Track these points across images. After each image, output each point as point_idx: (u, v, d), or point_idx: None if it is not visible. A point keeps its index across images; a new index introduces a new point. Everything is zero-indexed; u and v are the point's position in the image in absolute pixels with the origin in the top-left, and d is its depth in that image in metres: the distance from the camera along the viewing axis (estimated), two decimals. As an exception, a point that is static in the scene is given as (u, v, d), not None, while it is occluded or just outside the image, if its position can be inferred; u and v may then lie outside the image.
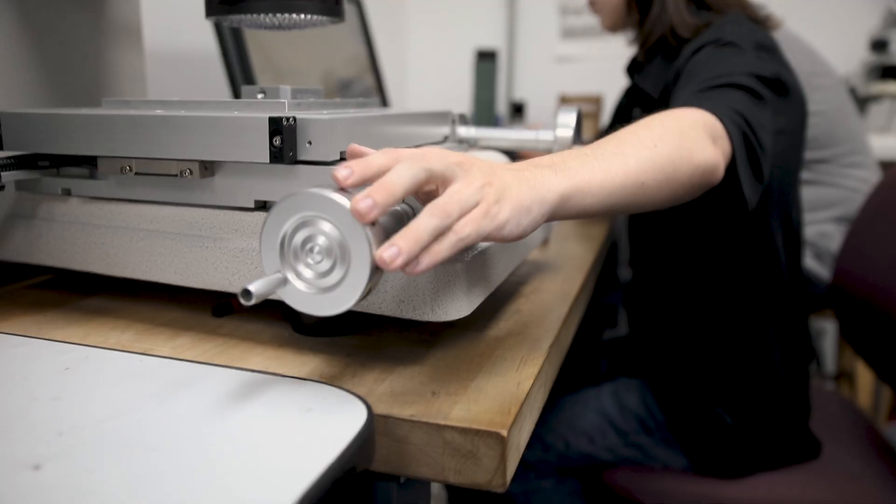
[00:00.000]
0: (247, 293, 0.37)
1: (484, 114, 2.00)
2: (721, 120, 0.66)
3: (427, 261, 0.40)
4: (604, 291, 1.62)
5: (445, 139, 0.74)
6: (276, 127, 0.48)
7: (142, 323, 0.59)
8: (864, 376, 1.82)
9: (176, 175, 0.53)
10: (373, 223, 0.39)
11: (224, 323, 0.59)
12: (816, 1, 2.17)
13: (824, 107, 1.52)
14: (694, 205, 0.66)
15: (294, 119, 0.49)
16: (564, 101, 2.05)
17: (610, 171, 0.52)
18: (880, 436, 1.13)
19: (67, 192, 0.60)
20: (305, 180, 0.50)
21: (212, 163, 0.53)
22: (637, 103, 1.04)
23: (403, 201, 0.46)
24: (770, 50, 0.85)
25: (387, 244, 0.38)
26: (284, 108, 0.54)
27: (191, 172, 0.52)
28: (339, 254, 0.39)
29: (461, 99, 2.34)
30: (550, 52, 2.38)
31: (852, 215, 1.47)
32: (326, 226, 0.39)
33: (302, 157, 0.50)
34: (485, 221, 0.42)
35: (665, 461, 1.01)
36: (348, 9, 1.42)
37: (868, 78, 2.01)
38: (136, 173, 0.54)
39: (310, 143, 0.50)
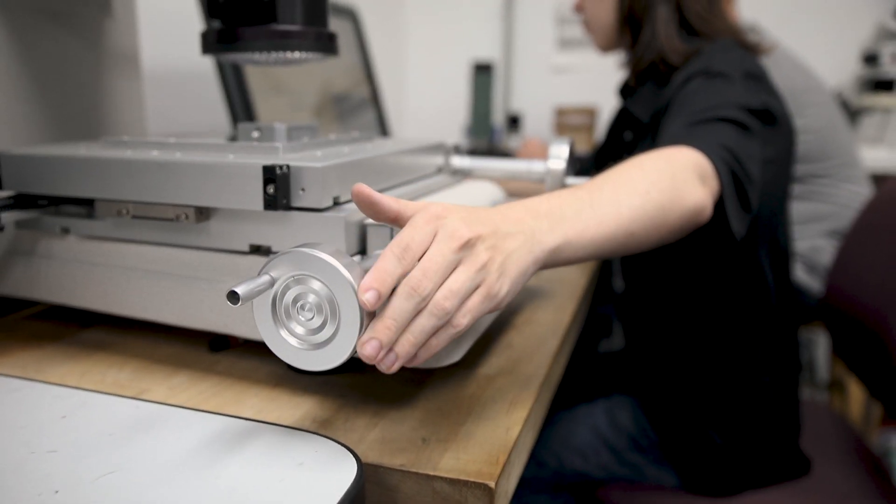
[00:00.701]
0: (234, 295, 0.38)
1: (481, 125, 2.01)
2: (710, 158, 0.67)
3: (424, 356, 0.42)
4: (599, 301, 1.64)
5: (440, 170, 0.75)
6: (270, 175, 0.49)
7: (139, 359, 0.60)
8: (856, 386, 1.84)
9: (172, 219, 0.54)
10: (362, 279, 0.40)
11: (220, 359, 0.60)
12: (809, 14, 2.18)
13: (816, 123, 1.54)
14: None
15: (287, 167, 0.50)
16: (560, 113, 2.06)
17: (602, 221, 0.53)
18: (870, 452, 1.14)
19: (66, 231, 0.61)
20: (299, 226, 0.51)
21: (207, 208, 0.54)
22: (628, 126, 1.05)
23: None
24: (758, 78, 0.86)
25: (385, 349, 0.39)
26: (278, 153, 0.55)
27: (186, 217, 0.53)
28: (329, 311, 0.40)
29: (459, 109, 2.35)
30: (547, 62, 2.39)
31: (844, 229, 1.49)
32: (316, 284, 0.40)
33: (295, 203, 0.51)
34: (484, 305, 0.43)
35: (657, 479, 1.02)
36: (345, 25, 1.43)
37: (860, 90, 2.03)
38: (133, 216, 0.55)
39: (303, 189, 0.51)
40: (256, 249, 0.54)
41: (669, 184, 0.59)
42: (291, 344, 0.41)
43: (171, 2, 1.10)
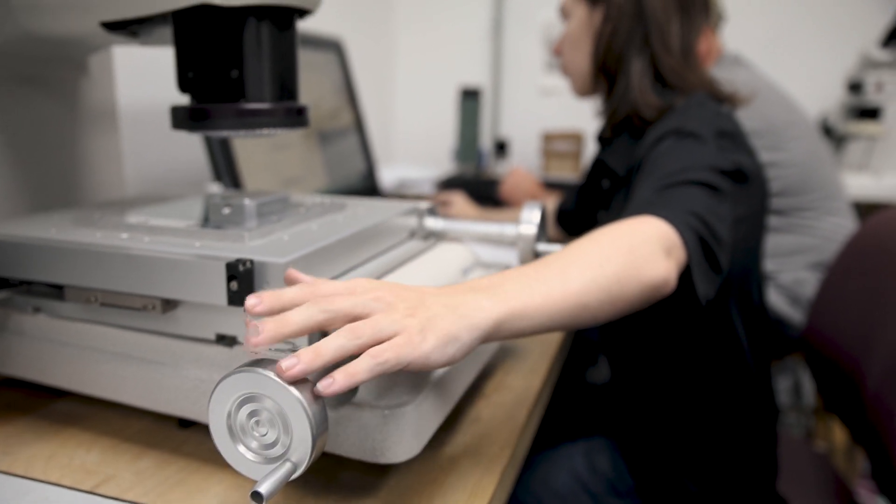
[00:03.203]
0: (257, 496, 0.38)
1: (468, 151, 2.02)
2: (677, 228, 0.67)
3: (343, 379, 0.41)
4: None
5: (412, 234, 0.76)
6: (233, 273, 0.50)
7: (108, 437, 0.60)
8: (841, 413, 1.84)
9: (139, 309, 0.54)
10: (312, 394, 0.41)
11: (189, 436, 0.61)
12: (795, 41, 2.20)
13: (798, 156, 1.55)
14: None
15: (251, 262, 0.51)
16: (547, 139, 2.07)
17: (550, 294, 0.53)
18: (850, 493, 1.15)
19: (37, 310, 0.61)
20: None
21: (174, 299, 0.55)
22: (605, 174, 1.06)
23: None
24: (731, 136, 0.87)
25: (290, 356, 0.40)
26: (244, 241, 0.56)
27: (153, 307, 0.54)
28: (281, 426, 0.41)
29: (447, 133, 2.35)
30: (535, 84, 2.40)
31: (827, 261, 1.50)
32: (268, 401, 0.41)
33: (260, 296, 0.52)
34: (406, 349, 0.43)
35: (635, 524, 1.03)
36: (329, 57, 1.44)
37: (845, 117, 2.04)
38: (102, 304, 0.56)
39: (267, 283, 0.51)
40: (222, 338, 0.55)
41: (626, 257, 0.60)
42: (248, 458, 0.42)
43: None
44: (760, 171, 0.92)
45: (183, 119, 0.64)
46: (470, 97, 2.01)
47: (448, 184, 1.81)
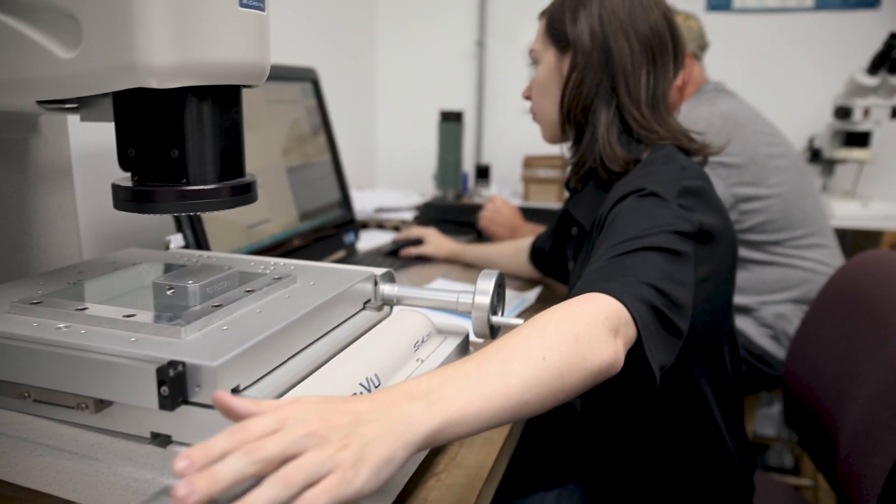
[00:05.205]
0: None
1: (449, 175, 2.00)
2: (626, 304, 0.66)
3: None
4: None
5: (367, 303, 0.75)
6: (164, 378, 0.49)
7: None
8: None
9: (73, 407, 0.53)
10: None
11: (129, 525, 0.59)
12: (783, 66, 2.19)
13: (782, 189, 1.53)
14: None
15: (183, 365, 0.50)
16: (528, 164, 2.05)
17: (490, 396, 0.52)
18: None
19: (-28, 397, 0.60)
20: (196, 420, 0.51)
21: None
22: (573, 222, 1.04)
23: None
24: (696, 193, 0.85)
25: (185, 484, 0.39)
26: (180, 336, 0.54)
27: (86, 406, 0.53)
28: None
29: (429, 158, 2.33)
30: (519, 106, 2.38)
31: (810, 297, 1.48)
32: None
33: (192, 398, 0.51)
34: (339, 489, 0.42)
35: (604, 575, 1.02)
36: (303, 87, 1.43)
37: (833, 142, 2.03)
38: (35, 400, 0.55)
39: (199, 387, 0.50)
40: (157, 436, 0.54)
41: (571, 347, 0.58)
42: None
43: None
44: (729, 227, 0.90)
45: (124, 200, 0.63)
46: (449, 120, 1.98)
47: (427, 209, 1.79)
